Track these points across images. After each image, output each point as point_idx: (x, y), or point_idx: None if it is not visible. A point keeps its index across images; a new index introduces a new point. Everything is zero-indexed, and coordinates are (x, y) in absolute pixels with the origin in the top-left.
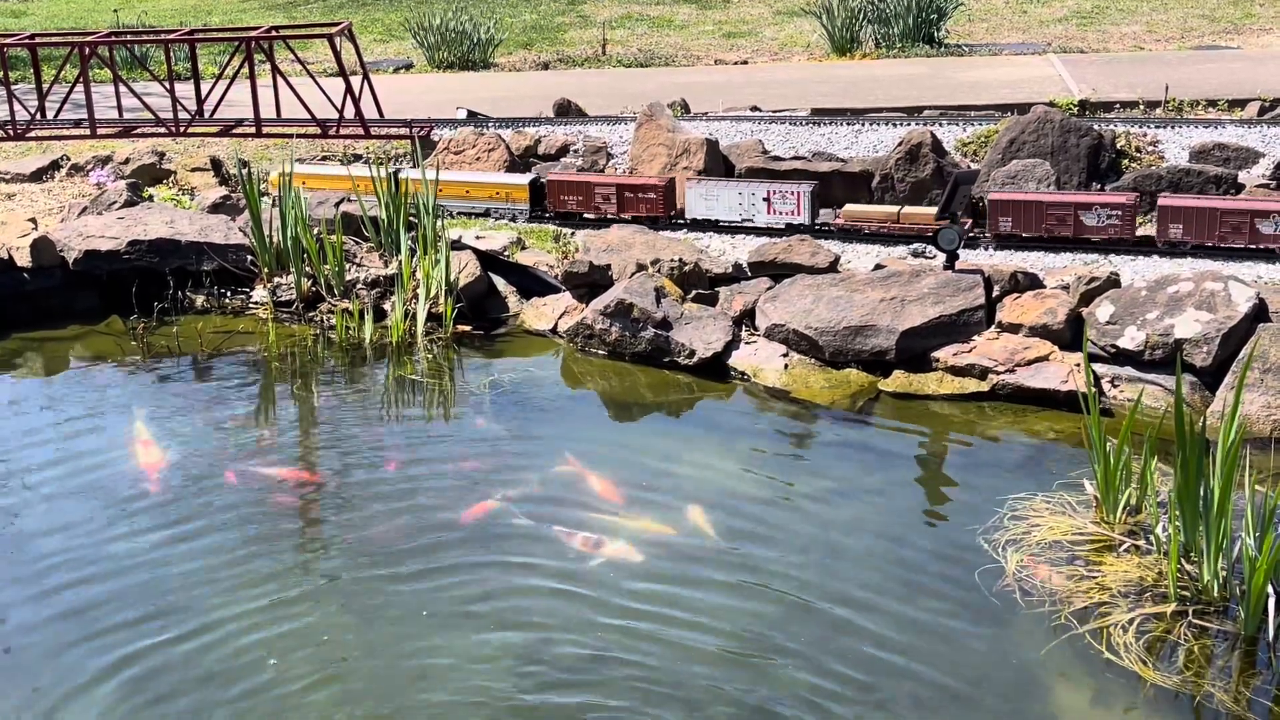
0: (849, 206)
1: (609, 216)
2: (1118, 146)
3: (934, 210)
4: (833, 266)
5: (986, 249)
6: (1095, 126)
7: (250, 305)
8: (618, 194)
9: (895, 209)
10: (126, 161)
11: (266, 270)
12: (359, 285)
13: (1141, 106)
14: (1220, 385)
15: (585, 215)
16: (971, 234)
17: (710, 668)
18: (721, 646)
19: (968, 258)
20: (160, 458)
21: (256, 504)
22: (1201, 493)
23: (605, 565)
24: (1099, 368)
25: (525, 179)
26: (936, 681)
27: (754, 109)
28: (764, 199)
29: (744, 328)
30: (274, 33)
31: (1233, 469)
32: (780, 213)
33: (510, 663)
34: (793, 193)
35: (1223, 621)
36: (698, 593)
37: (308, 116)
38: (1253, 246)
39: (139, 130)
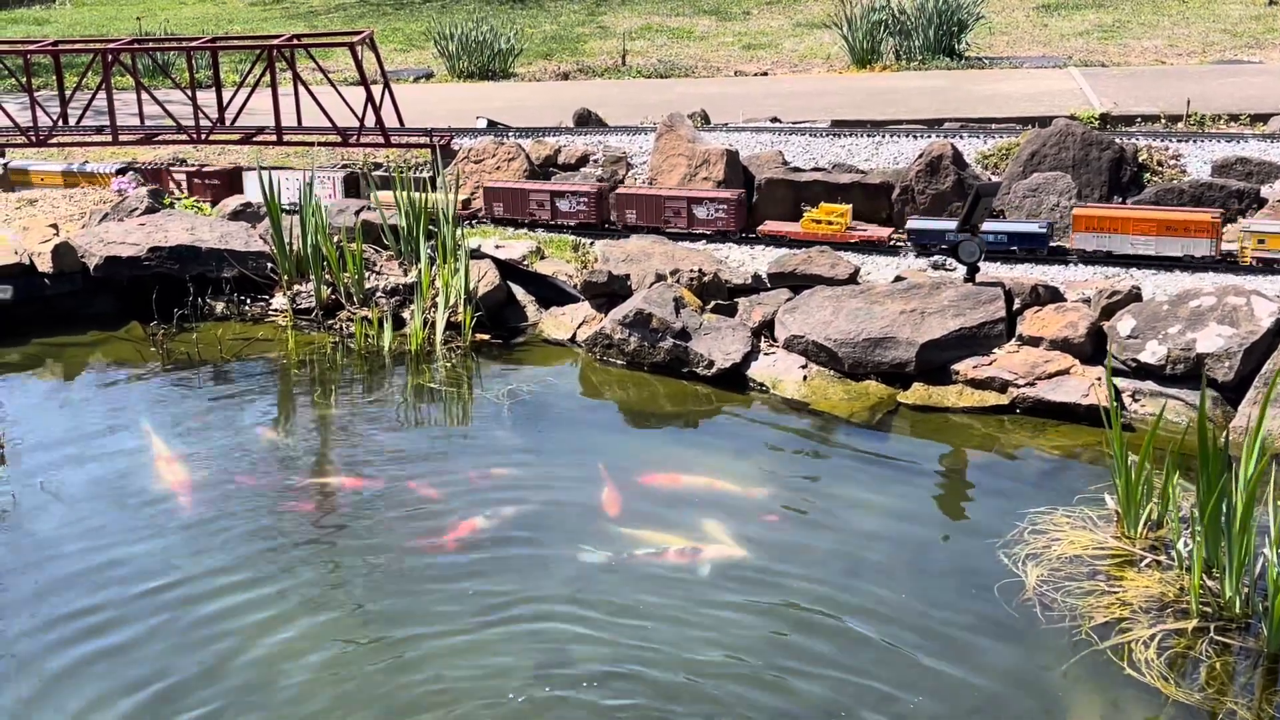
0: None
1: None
2: (1139, 160)
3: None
4: (852, 278)
5: (483, 223)
6: (1116, 140)
7: (270, 312)
8: (188, 180)
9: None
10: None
11: (286, 278)
12: (378, 293)
13: (1163, 120)
14: (1242, 400)
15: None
16: (480, 218)
17: (726, 680)
18: (738, 658)
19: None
20: (178, 465)
21: (274, 511)
22: (1224, 508)
23: (621, 576)
24: (1120, 382)
25: (114, 167)
26: (955, 696)
27: (774, 120)
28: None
29: (763, 339)
30: (296, 41)
31: (1256, 485)
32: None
33: (526, 673)
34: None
35: (1245, 638)
36: (713, 604)
37: (329, 124)
38: (692, 230)
39: (160, 137)
